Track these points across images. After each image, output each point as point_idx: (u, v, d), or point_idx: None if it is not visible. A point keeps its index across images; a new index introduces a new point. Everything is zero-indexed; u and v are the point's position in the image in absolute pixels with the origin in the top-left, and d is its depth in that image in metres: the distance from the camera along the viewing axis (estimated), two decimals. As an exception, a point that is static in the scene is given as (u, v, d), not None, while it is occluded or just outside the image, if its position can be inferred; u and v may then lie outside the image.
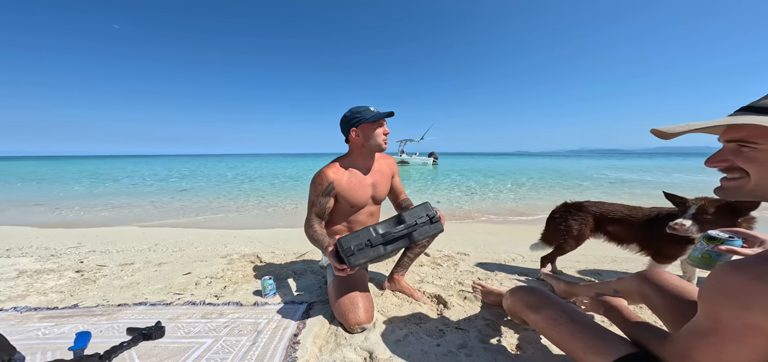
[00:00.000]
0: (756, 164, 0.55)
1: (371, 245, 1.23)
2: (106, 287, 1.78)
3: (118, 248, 2.68)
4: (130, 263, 2.23)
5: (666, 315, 0.91)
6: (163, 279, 1.87)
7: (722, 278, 0.54)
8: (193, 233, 3.61)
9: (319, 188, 1.40)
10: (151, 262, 2.24)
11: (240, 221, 4.92)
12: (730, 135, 0.57)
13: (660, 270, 1.01)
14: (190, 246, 2.74)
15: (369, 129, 1.39)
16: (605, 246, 1.79)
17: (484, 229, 3.91)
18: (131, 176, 14.71)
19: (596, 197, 1.89)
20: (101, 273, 2.01)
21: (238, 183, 11.49)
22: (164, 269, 2.08)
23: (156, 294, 1.65)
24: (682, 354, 0.62)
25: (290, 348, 1.13)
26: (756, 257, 0.51)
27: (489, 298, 1.47)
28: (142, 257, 2.38)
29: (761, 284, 0.48)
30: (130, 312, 1.42)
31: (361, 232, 1.25)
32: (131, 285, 1.81)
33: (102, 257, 2.43)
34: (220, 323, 1.30)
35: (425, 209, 1.34)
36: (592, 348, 0.77)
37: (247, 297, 1.59)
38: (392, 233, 1.27)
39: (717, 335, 0.56)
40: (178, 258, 2.35)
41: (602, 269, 2.02)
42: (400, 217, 1.32)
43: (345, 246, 1.20)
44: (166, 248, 2.69)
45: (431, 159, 25.46)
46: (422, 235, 1.31)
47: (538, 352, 1.09)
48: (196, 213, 5.60)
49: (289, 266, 2.07)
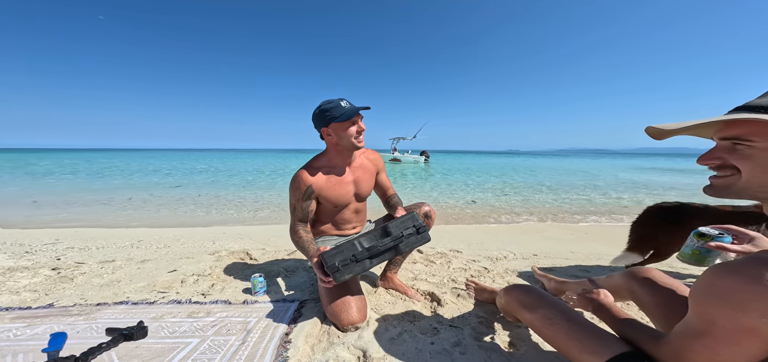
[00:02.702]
0: (749, 161, 0.55)
1: (356, 260, 1.19)
2: (85, 285, 1.69)
3: (99, 245, 2.56)
4: (110, 260, 2.13)
5: (655, 312, 0.92)
6: (147, 277, 1.80)
7: (716, 280, 0.54)
8: (180, 229, 3.50)
9: (298, 193, 1.34)
10: (134, 259, 2.15)
11: (229, 217, 4.81)
12: (726, 132, 0.58)
13: (648, 267, 1.02)
14: (175, 243, 2.64)
15: (340, 128, 1.29)
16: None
17: (476, 227, 3.94)
18: (118, 171, 14.20)
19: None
20: (79, 270, 1.91)
21: (226, 178, 11.26)
22: (148, 266, 2.00)
23: (138, 293, 1.58)
24: (676, 355, 0.62)
25: (281, 348, 1.09)
26: (750, 259, 0.51)
27: (482, 295, 1.47)
28: (124, 255, 2.28)
29: (757, 286, 0.48)
30: (110, 312, 1.35)
31: (345, 246, 1.20)
32: (111, 283, 1.73)
33: (80, 254, 2.32)
34: (208, 322, 1.25)
35: (412, 220, 1.30)
36: (587, 347, 0.77)
37: (236, 295, 1.54)
38: (378, 247, 1.23)
39: (711, 337, 0.56)
40: (162, 255, 2.26)
41: (589, 266, 2.05)
42: (386, 229, 1.28)
43: (330, 263, 1.15)
44: (150, 244, 2.59)
45: (423, 157, 25.60)
46: (408, 246, 1.28)
47: (530, 350, 1.09)
48: (180, 208, 5.44)
49: (280, 263, 2.02)
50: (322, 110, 1.29)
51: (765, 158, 0.54)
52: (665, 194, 7.45)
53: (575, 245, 2.69)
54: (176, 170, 15.39)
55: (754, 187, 0.56)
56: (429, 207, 1.49)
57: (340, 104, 1.27)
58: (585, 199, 6.41)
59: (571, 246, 2.63)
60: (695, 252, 0.85)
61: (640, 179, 12.06)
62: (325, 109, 1.28)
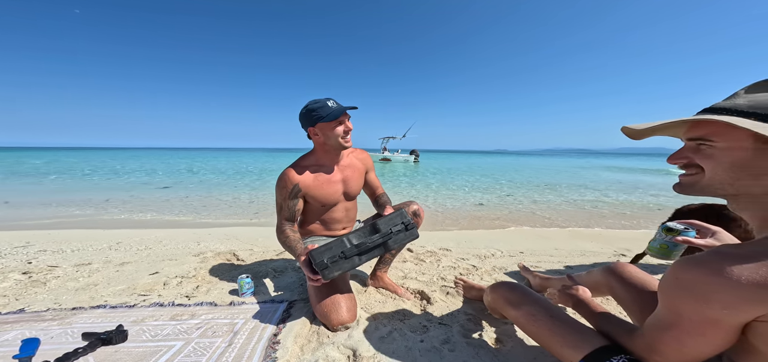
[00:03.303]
0: (711, 160, 0.59)
1: (345, 257, 1.19)
2: (59, 289, 1.61)
3: (73, 248, 2.44)
4: (86, 263, 2.04)
5: (630, 306, 0.96)
6: (126, 280, 1.73)
7: (680, 273, 0.56)
8: (162, 230, 3.37)
9: (285, 192, 1.32)
10: (112, 262, 2.06)
11: (214, 218, 4.68)
12: (691, 133, 0.61)
13: (624, 263, 1.06)
14: (157, 245, 2.55)
15: (327, 128, 1.29)
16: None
17: (466, 226, 3.99)
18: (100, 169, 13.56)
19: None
20: (53, 274, 1.81)
21: (215, 176, 10.96)
22: (127, 269, 1.92)
23: (117, 296, 1.52)
24: (648, 347, 0.65)
25: (269, 348, 1.07)
26: (712, 253, 0.53)
27: (470, 293, 1.49)
28: (102, 257, 2.19)
29: (718, 278, 0.50)
30: (87, 316, 1.29)
31: (334, 244, 1.20)
32: (88, 286, 1.65)
33: (54, 257, 2.20)
34: (192, 324, 1.22)
35: (401, 217, 1.31)
36: (568, 342, 0.80)
37: (222, 296, 1.50)
38: (366, 244, 1.23)
39: (679, 328, 0.58)
40: (143, 258, 2.18)
41: (572, 264, 2.12)
42: (375, 226, 1.28)
43: (318, 260, 1.15)
44: (130, 246, 2.49)
45: (413, 157, 25.71)
46: (397, 243, 1.29)
47: (516, 346, 1.12)
48: (164, 208, 5.25)
49: (268, 263, 1.98)
50: (308, 109, 1.29)
51: (725, 158, 0.57)
52: (657, 193, 7.71)
53: (557, 241, 2.77)
54: (165, 169, 14.88)
55: (716, 184, 0.59)
56: (417, 206, 1.51)
57: (327, 104, 1.27)
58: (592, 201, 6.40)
59: (554, 243, 2.70)
60: (663, 246, 0.89)
61: (627, 178, 12.42)
62: (311, 109, 1.28)
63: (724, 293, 0.50)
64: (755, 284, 0.47)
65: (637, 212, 5.33)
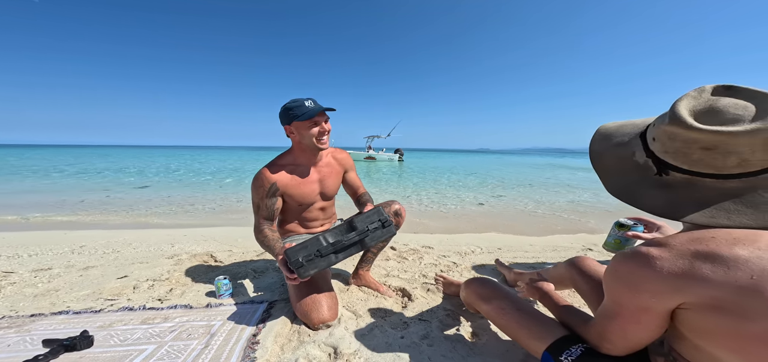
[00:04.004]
0: None
1: (321, 255, 1.18)
2: (15, 296, 1.49)
3: (31, 252, 2.26)
4: (46, 268, 1.90)
5: (589, 297, 1.03)
6: (91, 285, 1.63)
7: (617, 266, 0.60)
8: (130, 231, 3.19)
9: (262, 191, 1.32)
10: (75, 266, 1.94)
11: (191, 218, 4.47)
12: None
13: (584, 257, 1.13)
14: (126, 247, 2.41)
15: (302, 127, 1.29)
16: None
17: (448, 225, 4.07)
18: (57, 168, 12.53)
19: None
20: (8, 280, 1.68)
21: (193, 176, 10.45)
22: (92, 273, 1.81)
23: (81, 302, 1.43)
24: (599, 336, 0.70)
25: (248, 349, 1.05)
26: (642, 246, 0.58)
27: (450, 289, 1.54)
28: (63, 262, 2.04)
29: (646, 270, 0.55)
30: (48, 322, 1.21)
31: (309, 242, 1.19)
32: (48, 292, 1.54)
33: (8, 262, 2.03)
34: (165, 327, 1.17)
35: (378, 214, 1.30)
36: (533, 333, 0.85)
37: (198, 299, 1.45)
38: (343, 242, 1.22)
39: (620, 317, 0.63)
40: (110, 261, 2.06)
41: (545, 260, 2.22)
42: (352, 223, 1.28)
43: (293, 259, 1.13)
44: (95, 250, 2.34)
45: (397, 155, 25.77)
46: (374, 240, 1.28)
47: (491, 339, 1.16)
48: (137, 208, 4.96)
49: (248, 264, 1.94)
50: (286, 108, 1.30)
51: None
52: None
53: (533, 237, 2.90)
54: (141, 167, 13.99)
55: None
56: (399, 205, 1.53)
57: (304, 104, 1.28)
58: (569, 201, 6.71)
59: (530, 239, 2.83)
60: (616, 241, 0.96)
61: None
62: (288, 107, 1.29)
63: (651, 282, 0.55)
64: (675, 274, 0.52)
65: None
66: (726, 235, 0.51)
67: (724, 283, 0.49)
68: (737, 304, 0.48)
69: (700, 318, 0.53)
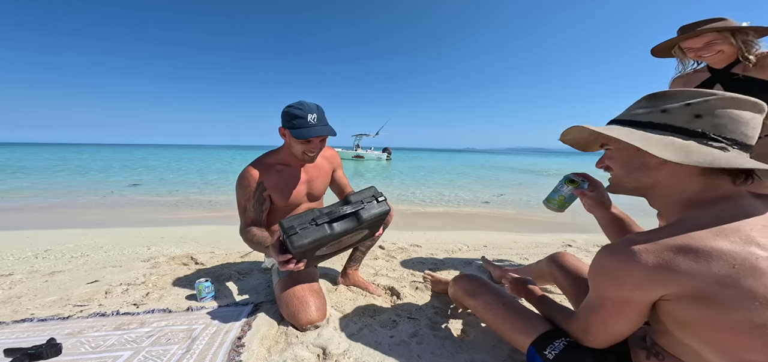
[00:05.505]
0: (613, 161, 0.72)
1: (316, 223, 1.08)
2: (-31, 304, 1.37)
3: (-14, 257, 2.08)
4: (6, 274, 1.75)
5: (569, 291, 1.07)
6: (58, 291, 1.52)
7: (603, 261, 0.63)
8: (100, 231, 3.00)
9: (248, 191, 1.26)
10: (39, 272, 1.80)
11: (168, 218, 4.26)
12: (600, 141, 0.76)
13: (564, 253, 1.18)
14: (96, 251, 2.26)
15: (293, 140, 1.25)
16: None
17: (435, 223, 4.11)
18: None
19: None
20: (-41, 287, 1.53)
21: (174, 174, 9.98)
22: (59, 279, 1.69)
23: (47, 309, 1.33)
24: (582, 329, 0.73)
25: (233, 352, 1.02)
26: (625, 240, 0.62)
27: (438, 287, 1.55)
28: (25, 267, 1.89)
29: (629, 263, 0.58)
30: (9, 331, 1.12)
31: (303, 212, 1.11)
32: (9, 299, 1.42)
33: (-40, 268, 1.86)
34: (142, 333, 1.11)
35: (371, 191, 1.25)
36: (518, 328, 0.88)
37: (177, 302, 1.38)
38: (338, 212, 1.14)
39: (603, 310, 0.66)
40: (79, 266, 1.92)
41: (528, 256, 2.29)
42: (346, 199, 1.21)
43: (287, 225, 1.04)
44: (62, 254, 2.18)
45: (385, 154, 25.77)
46: (369, 212, 1.19)
47: (479, 335, 1.18)
48: (115, 209, 4.67)
49: (231, 266, 1.87)
50: (289, 113, 1.22)
51: (621, 157, 0.70)
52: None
53: (516, 235, 2.99)
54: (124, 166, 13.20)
55: (623, 181, 0.72)
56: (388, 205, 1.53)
57: (308, 118, 1.20)
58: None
59: (513, 236, 2.91)
60: (561, 198, 0.92)
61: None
62: (292, 115, 1.21)
63: (633, 275, 0.57)
64: (656, 266, 0.55)
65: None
66: (708, 228, 0.54)
67: (706, 274, 0.51)
68: (717, 294, 0.51)
69: (680, 309, 0.56)
